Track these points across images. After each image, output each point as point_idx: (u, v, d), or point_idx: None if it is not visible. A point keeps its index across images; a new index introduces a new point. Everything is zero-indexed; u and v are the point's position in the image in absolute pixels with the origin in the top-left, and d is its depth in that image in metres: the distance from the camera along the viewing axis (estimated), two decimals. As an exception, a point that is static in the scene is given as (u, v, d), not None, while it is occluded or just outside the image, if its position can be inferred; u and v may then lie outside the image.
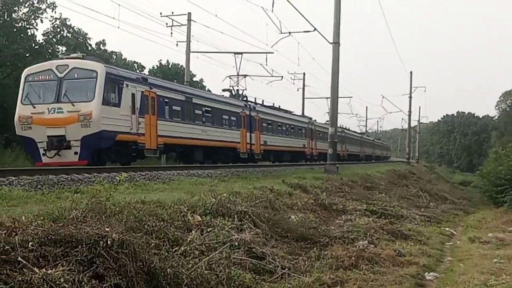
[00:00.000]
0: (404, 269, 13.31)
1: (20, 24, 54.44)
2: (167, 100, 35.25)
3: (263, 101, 56.34)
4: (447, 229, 22.87)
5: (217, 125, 43.42)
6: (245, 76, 53.15)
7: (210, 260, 9.86)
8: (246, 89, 53.80)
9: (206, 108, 41.78)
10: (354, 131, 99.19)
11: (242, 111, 46.68)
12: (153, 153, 33.37)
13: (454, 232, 22.26)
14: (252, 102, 52.96)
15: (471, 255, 16.42)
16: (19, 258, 7.38)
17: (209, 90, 68.23)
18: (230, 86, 52.89)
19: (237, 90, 54.08)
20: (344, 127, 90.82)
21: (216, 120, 43.65)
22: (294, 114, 69.33)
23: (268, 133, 54.17)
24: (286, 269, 11.30)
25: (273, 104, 60.02)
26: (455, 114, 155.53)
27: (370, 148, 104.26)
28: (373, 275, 12.08)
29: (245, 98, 52.69)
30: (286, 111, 66.12)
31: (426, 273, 13.68)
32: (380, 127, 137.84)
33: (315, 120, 74.06)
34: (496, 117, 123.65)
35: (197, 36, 66.64)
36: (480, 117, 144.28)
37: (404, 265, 13.81)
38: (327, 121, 74.67)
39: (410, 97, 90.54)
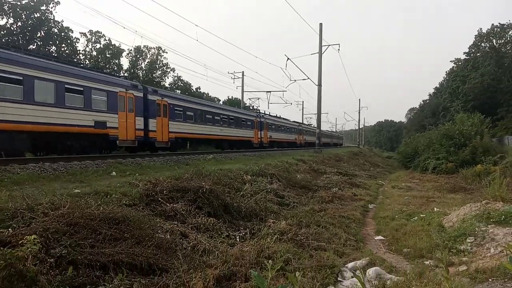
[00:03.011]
0: (358, 202, 13.27)
1: (157, 80, 55.34)
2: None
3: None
4: (380, 181, 22.64)
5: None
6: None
7: (256, 199, 9.92)
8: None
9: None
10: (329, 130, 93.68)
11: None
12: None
13: (384, 183, 22.02)
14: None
15: (393, 195, 16.27)
16: (159, 198, 7.54)
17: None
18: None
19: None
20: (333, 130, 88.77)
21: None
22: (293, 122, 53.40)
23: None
24: (295, 203, 11.32)
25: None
26: (383, 120, 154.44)
27: (340, 140, 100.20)
28: (341, 206, 12.10)
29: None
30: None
31: (369, 204, 13.61)
32: (343, 128, 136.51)
33: (304, 124, 61.46)
34: (405, 122, 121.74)
35: (247, 83, 66.77)
36: (396, 121, 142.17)
37: (357, 200, 13.76)
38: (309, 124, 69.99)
39: (359, 112, 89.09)
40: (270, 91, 48.93)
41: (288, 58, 32.90)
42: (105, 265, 4.65)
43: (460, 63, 63.51)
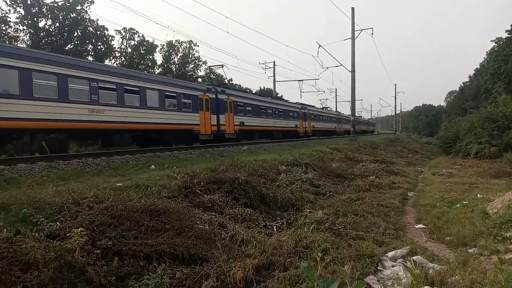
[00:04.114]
0: (396, 190, 12.97)
1: (190, 73, 56.12)
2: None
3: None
4: (419, 168, 22.03)
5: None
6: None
7: (291, 189, 9.92)
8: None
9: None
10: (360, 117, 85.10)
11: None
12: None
13: (423, 170, 21.40)
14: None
15: (433, 182, 15.80)
16: (197, 190, 7.68)
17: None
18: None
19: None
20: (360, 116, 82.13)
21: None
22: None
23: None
24: (332, 192, 11.24)
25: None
26: (421, 105, 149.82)
27: (370, 126, 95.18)
28: (378, 194, 11.84)
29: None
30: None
31: (408, 192, 13.28)
32: (379, 115, 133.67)
33: (311, 106, 45.89)
34: (444, 106, 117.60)
35: (279, 72, 66.36)
36: (435, 106, 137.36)
37: (396, 188, 13.44)
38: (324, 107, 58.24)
39: (395, 98, 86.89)
40: (302, 80, 48.57)
41: (319, 45, 32.59)
42: (149, 255, 4.81)
43: (502, 42, 60.30)
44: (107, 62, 43.22)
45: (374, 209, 9.49)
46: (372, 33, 35.02)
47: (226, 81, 62.88)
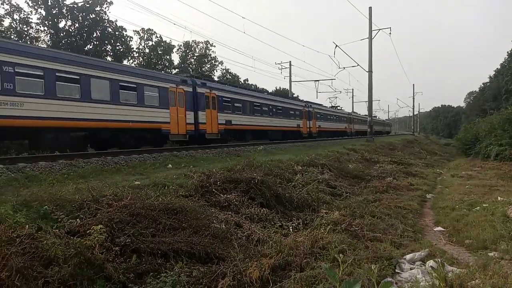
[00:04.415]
0: (414, 192, 12.82)
1: (206, 73, 56.57)
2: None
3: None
4: (438, 170, 21.68)
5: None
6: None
7: (307, 189, 9.87)
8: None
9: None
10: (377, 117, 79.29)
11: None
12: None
13: (442, 172, 21.05)
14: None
15: (452, 184, 15.53)
16: (213, 189, 7.70)
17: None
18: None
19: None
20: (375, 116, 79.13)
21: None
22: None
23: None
24: (348, 193, 11.14)
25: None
26: (440, 106, 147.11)
27: (386, 127, 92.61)
28: (396, 196, 11.70)
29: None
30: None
31: (427, 194, 13.11)
32: (396, 115, 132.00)
33: (318, 104, 42.33)
34: (464, 107, 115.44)
35: (295, 73, 66.10)
36: (454, 107, 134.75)
37: (414, 190, 13.28)
38: (334, 106, 54.33)
39: (413, 98, 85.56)
40: (318, 80, 48.29)
41: (336, 45, 32.27)
42: (166, 253, 4.85)
43: (524, 42, 59.00)
44: (125, 62, 43.72)
45: (391, 210, 9.36)
46: (390, 33, 34.71)
47: (242, 80, 62.89)
